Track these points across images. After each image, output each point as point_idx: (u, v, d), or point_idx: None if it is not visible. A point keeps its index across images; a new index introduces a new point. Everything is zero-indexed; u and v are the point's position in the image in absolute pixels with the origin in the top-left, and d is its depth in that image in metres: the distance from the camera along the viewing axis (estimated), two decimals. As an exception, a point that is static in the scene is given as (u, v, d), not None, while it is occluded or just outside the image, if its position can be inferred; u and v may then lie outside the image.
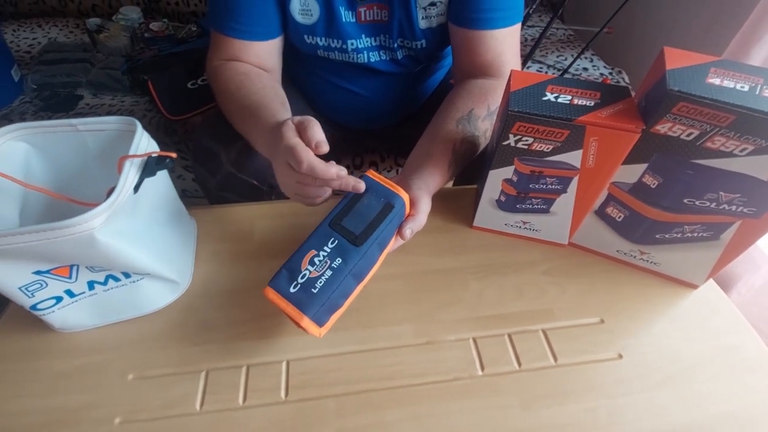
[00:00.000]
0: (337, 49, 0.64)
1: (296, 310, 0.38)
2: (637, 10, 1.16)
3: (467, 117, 0.56)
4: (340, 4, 0.60)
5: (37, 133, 0.46)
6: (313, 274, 0.39)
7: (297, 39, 0.64)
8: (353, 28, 0.62)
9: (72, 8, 1.43)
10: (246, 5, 0.58)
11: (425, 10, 0.60)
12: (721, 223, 0.45)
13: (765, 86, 0.38)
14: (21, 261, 0.38)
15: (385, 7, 0.60)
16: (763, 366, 0.46)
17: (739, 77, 0.39)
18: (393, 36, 0.63)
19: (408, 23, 0.61)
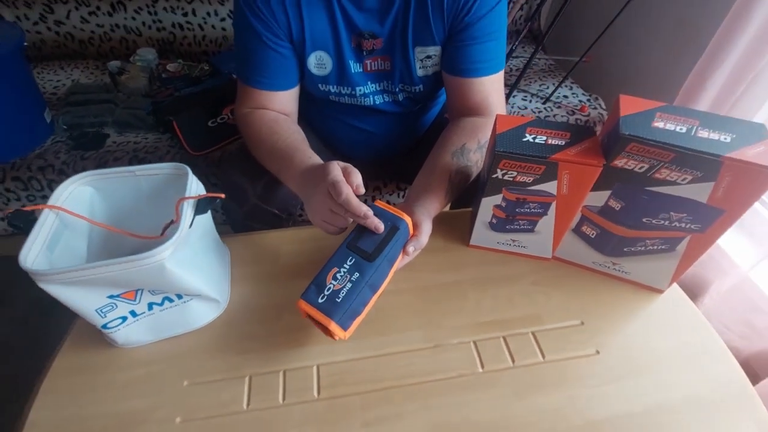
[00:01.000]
0: (347, 94, 0.73)
1: (325, 316, 0.46)
2: (611, 41, 1.27)
3: (460, 150, 0.65)
4: (349, 58, 0.69)
5: (101, 179, 0.54)
6: (336, 287, 0.47)
7: (312, 87, 0.73)
8: (361, 77, 0.71)
9: (92, 51, 1.53)
10: (270, 62, 0.67)
11: (422, 62, 0.69)
12: (674, 237, 0.53)
13: (700, 128, 0.47)
14: (100, 287, 0.46)
15: (387, 59, 0.70)
16: (718, 357, 0.54)
17: (679, 120, 0.48)
18: (395, 82, 0.72)
19: (407, 72, 0.70)
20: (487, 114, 0.70)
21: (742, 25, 0.79)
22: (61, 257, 0.48)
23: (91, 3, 1.42)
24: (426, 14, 0.64)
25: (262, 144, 0.67)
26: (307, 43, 0.66)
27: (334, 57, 0.68)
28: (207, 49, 1.54)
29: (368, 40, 0.67)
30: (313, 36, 0.66)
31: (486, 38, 0.65)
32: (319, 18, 0.65)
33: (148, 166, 0.54)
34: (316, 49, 0.67)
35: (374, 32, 0.67)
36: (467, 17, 0.63)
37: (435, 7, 0.63)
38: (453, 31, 0.65)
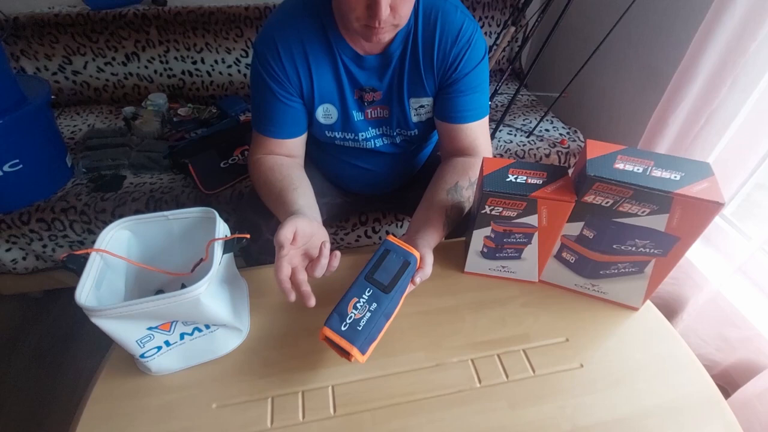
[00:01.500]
0: (351, 139, 0.81)
1: (348, 343, 0.52)
2: (587, 79, 1.38)
3: (454, 188, 0.73)
4: (353, 109, 0.77)
5: (137, 223, 0.61)
6: (357, 316, 0.53)
7: (320, 133, 0.81)
8: (363, 124, 0.80)
9: (106, 97, 1.62)
10: (282, 114, 0.75)
11: (416, 110, 0.78)
12: (642, 261, 0.60)
13: (654, 168, 0.55)
14: (142, 320, 0.52)
15: (386, 108, 0.79)
16: (688, 367, 0.60)
17: (636, 161, 0.56)
18: (392, 127, 0.81)
19: (404, 119, 0.79)
20: (475, 154, 0.78)
21: (695, 69, 0.90)
22: (105, 294, 0.54)
23: (107, 54, 1.52)
24: (419, 71, 0.73)
25: (262, 187, 0.74)
26: (316, 97, 0.75)
27: (339, 108, 0.77)
28: (214, 93, 1.64)
29: (369, 93, 0.76)
30: (321, 91, 0.75)
31: (471, 91, 0.74)
32: (326, 76, 0.74)
33: (179, 211, 0.61)
34: (323, 102, 0.76)
35: (374, 87, 0.75)
36: (454, 74, 0.72)
37: (426, 66, 0.72)
38: (442, 85, 0.74)
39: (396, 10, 0.60)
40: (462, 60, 0.71)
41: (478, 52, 0.72)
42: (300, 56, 0.71)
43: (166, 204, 1.11)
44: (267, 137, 0.77)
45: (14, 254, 1.13)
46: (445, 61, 0.72)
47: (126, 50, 1.52)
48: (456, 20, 0.70)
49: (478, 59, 0.73)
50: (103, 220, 1.10)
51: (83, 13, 1.45)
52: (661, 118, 0.97)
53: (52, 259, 1.16)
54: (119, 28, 1.47)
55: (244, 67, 1.60)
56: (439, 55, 0.71)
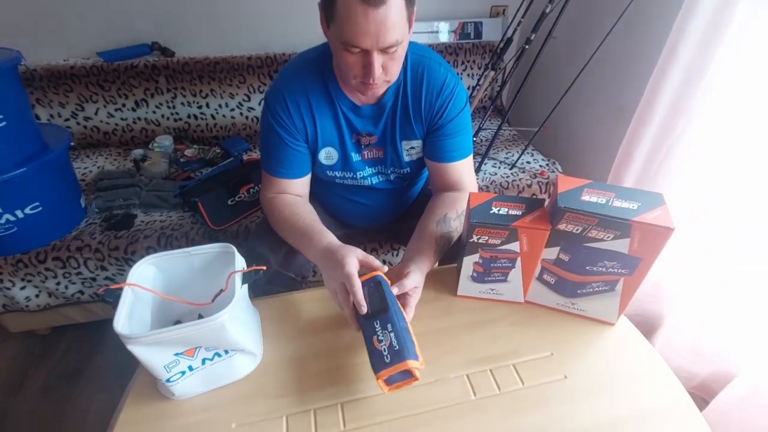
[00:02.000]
0: (350, 178, 0.90)
1: (401, 364, 0.56)
2: (563, 114, 1.50)
3: (443, 219, 0.80)
4: (351, 151, 0.86)
5: (162, 259, 0.67)
6: (387, 344, 0.59)
7: (322, 173, 0.89)
8: (360, 163, 0.88)
9: (115, 140, 1.70)
10: (290, 158, 0.83)
11: (407, 151, 0.87)
12: (612, 280, 0.68)
13: (615, 199, 0.63)
14: (171, 346, 0.57)
15: (381, 150, 0.87)
16: (661, 376, 0.66)
17: (600, 194, 0.64)
18: (387, 166, 0.89)
19: (397, 158, 0.88)
20: (461, 189, 0.86)
21: (653, 109, 1.01)
22: (135, 324, 0.60)
23: (117, 101, 1.62)
24: (409, 118, 0.83)
25: (285, 223, 0.81)
26: (319, 141, 0.83)
27: (339, 151, 0.86)
28: (217, 134, 1.73)
29: (365, 137, 0.85)
30: (323, 136, 0.83)
31: (456, 134, 0.83)
32: (327, 123, 0.82)
33: (200, 247, 0.68)
34: (325, 146, 0.85)
35: (370, 132, 0.84)
36: (440, 120, 0.82)
37: (415, 114, 0.82)
38: (430, 129, 0.83)
39: (387, 69, 0.70)
40: (446, 109, 0.81)
41: (459, 101, 0.82)
42: (305, 107, 0.80)
43: (176, 240, 1.17)
44: (277, 178, 0.85)
45: (28, 292, 1.17)
46: (431, 110, 0.81)
47: (136, 97, 1.61)
48: (440, 75, 0.80)
49: (461, 107, 0.82)
50: (116, 257, 1.15)
51: (97, 65, 1.56)
52: (627, 152, 1.08)
53: (64, 295, 1.20)
54: (130, 78, 1.58)
55: (246, 110, 1.71)
56: (426, 105, 0.81)
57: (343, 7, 0.62)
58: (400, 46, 0.68)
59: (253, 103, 1.70)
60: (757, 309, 0.95)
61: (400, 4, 0.63)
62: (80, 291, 1.21)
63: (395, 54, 0.68)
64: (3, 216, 1.03)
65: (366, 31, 0.63)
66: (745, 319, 0.97)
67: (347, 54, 0.67)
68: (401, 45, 0.68)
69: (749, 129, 0.89)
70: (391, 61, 0.69)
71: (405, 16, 0.66)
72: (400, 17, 0.64)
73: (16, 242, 1.09)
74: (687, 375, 1.00)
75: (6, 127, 0.97)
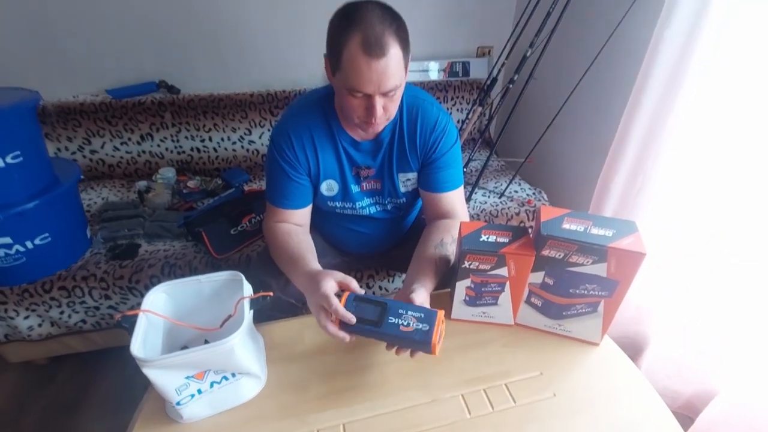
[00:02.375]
0: (350, 208, 0.95)
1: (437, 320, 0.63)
2: (547, 146, 1.59)
3: (440, 243, 0.85)
4: (351, 182, 0.92)
5: (174, 286, 0.71)
6: (413, 321, 0.64)
7: (323, 203, 0.95)
8: (359, 194, 0.94)
9: (119, 172, 1.75)
10: (293, 190, 0.88)
11: (403, 183, 0.93)
12: (594, 302, 0.73)
13: (592, 227, 0.69)
14: (183, 369, 0.60)
15: (378, 181, 0.93)
16: (643, 393, 0.70)
17: (579, 222, 0.70)
18: (384, 197, 0.95)
19: (393, 189, 0.94)
20: (454, 217, 0.92)
21: (626, 144, 1.09)
22: (149, 348, 0.63)
23: (123, 135, 1.68)
24: (404, 152, 0.89)
25: (279, 249, 0.86)
26: (321, 174, 0.89)
27: (340, 183, 0.91)
28: (219, 166, 1.79)
29: (364, 170, 0.91)
30: (325, 169, 0.89)
31: (447, 167, 0.90)
32: (329, 157, 0.89)
33: (210, 275, 0.72)
34: (327, 178, 0.90)
35: (369, 165, 0.91)
36: (433, 155, 0.88)
37: (411, 149, 0.89)
38: (424, 163, 0.90)
39: (387, 109, 0.77)
40: (439, 144, 0.88)
41: (450, 137, 0.89)
42: (308, 143, 0.86)
43: (179, 269, 1.20)
44: (280, 208, 0.90)
45: (31, 321, 1.18)
46: (425, 145, 0.88)
47: (141, 131, 1.68)
48: (432, 114, 0.88)
49: (452, 143, 0.89)
50: (120, 286, 1.18)
51: (106, 102, 1.62)
52: (605, 183, 1.15)
53: (66, 324, 1.21)
54: (137, 113, 1.64)
55: (247, 143, 1.78)
56: (421, 140, 0.88)
57: (348, 59, 0.69)
58: (398, 90, 0.75)
59: (254, 136, 1.77)
60: (734, 328, 1.00)
61: (399, 54, 0.70)
62: (83, 320, 1.22)
63: (394, 96, 0.75)
64: (13, 247, 1.06)
65: (369, 79, 0.70)
66: (723, 338, 1.01)
67: (351, 98, 0.74)
68: (400, 88, 0.75)
69: (711, 161, 0.97)
70: (390, 102, 0.76)
71: (402, 64, 0.72)
72: (399, 65, 0.71)
73: (24, 272, 1.11)
74: (672, 394, 1.03)
75: (22, 163, 1.02)
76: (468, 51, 1.99)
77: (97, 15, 1.58)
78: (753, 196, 0.93)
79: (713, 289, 1.02)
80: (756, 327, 0.94)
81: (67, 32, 1.59)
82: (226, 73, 1.80)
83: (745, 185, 0.95)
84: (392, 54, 0.69)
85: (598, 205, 1.21)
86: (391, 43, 0.68)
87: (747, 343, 0.95)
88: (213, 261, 1.20)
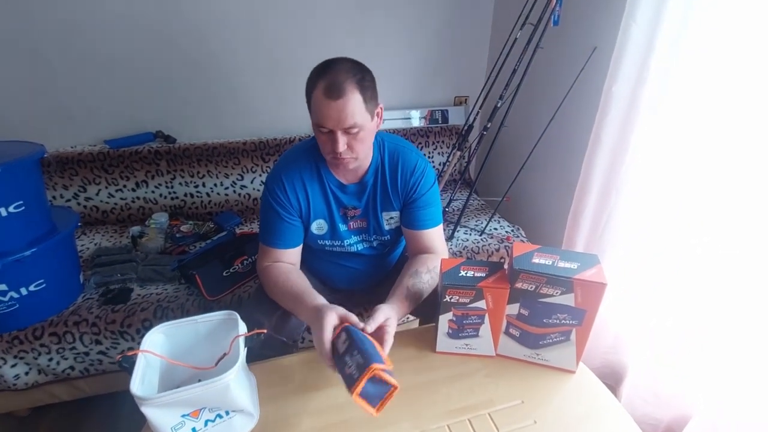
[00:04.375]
0: (338, 245, 1.00)
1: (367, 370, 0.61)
2: (522, 186, 1.69)
3: (415, 273, 0.91)
4: (339, 222, 0.98)
5: (171, 327, 0.74)
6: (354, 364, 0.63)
7: (313, 242, 1.00)
8: (347, 233, 1.00)
9: (112, 218, 1.77)
10: (285, 231, 0.94)
11: (387, 221, 1.00)
12: (566, 330, 0.77)
13: (559, 260, 0.75)
14: (179, 407, 0.62)
15: (364, 220, 1.00)
16: (617, 417, 0.74)
17: (547, 257, 0.76)
18: (370, 234, 1.01)
19: (378, 227, 1.00)
20: (433, 252, 0.98)
21: (589, 185, 1.19)
22: (147, 387, 0.65)
23: (119, 183, 1.72)
24: (387, 193, 0.97)
25: (279, 288, 0.90)
26: (311, 215, 0.95)
27: (328, 222, 0.97)
28: (211, 210, 1.83)
29: (351, 210, 0.98)
30: (315, 210, 0.95)
31: (427, 206, 0.97)
32: (318, 199, 0.95)
33: (206, 315, 0.75)
34: (317, 218, 0.97)
35: (355, 206, 0.97)
36: (413, 195, 0.96)
37: (393, 190, 0.96)
38: (406, 203, 0.97)
39: (352, 147, 0.85)
40: (418, 186, 0.96)
41: (429, 179, 0.97)
42: (300, 187, 0.93)
43: (172, 312, 1.21)
44: (273, 248, 0.95)
45: (18, 369, 1.16)
46: (405, 186, 0.96)
47: (137, 179, 1.72)
48: (412, 159, 0.96)
49: (430, 184, 0.98)
50: (112, 331, 1.17)
51: (103, 152, 1.68)
52: (574, 219, 1.24)
53: (54, 372, 1.19)
54: (134, 162, 1.70)
55: (239, 188, 1.84)
56: (401, 182, 0.96)
57: (314, 100, 0.81)
58: (362, 130, 0.83)
59: (246, 181, 1.83)
60: (703, 353, 1.05)
61: (358, 98, 0.81)
62: (71, 366, 1.20)
63: (358, 135, 0.83)
64: (8, 294, 1.06)
65: (328, 116, 0.80)
66: (697, 362, 1.06)
67: (320, 133, 0.85)
68: (363, 129, 0.83)
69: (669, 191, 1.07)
70: (354, 141, 0.84)
71: (363, 108, 0.82)
72: (358, 108, 0.81)
73: (16, 319, 1.11)
74: (653, 422, 1.06)
75: (24, 212, 1.05)
76: (446, 100, 2.14)
77: (97, 70, 1.67)
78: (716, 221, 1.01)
79: (684, 314, 1.08)
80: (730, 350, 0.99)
81: (67, 87, 1.67)
82: (220, 122, 1.89)
83: (705, 212, 1.04)
84: (349, 97, 0.79)
85: (570, 239, 1.29)
86: (349, 89, 0.79)
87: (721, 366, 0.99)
88: (205, 303, 1.22)
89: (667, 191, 1.06)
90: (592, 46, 1.36)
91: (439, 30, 1.97)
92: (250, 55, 1.80)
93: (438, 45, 2.00)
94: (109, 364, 1.22)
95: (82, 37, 1.60)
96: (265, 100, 1.90)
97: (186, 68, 1.75)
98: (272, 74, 1.86)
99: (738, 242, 0.97)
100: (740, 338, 0.96)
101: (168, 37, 1.69)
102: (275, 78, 1.86)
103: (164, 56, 1.71)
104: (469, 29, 2.01)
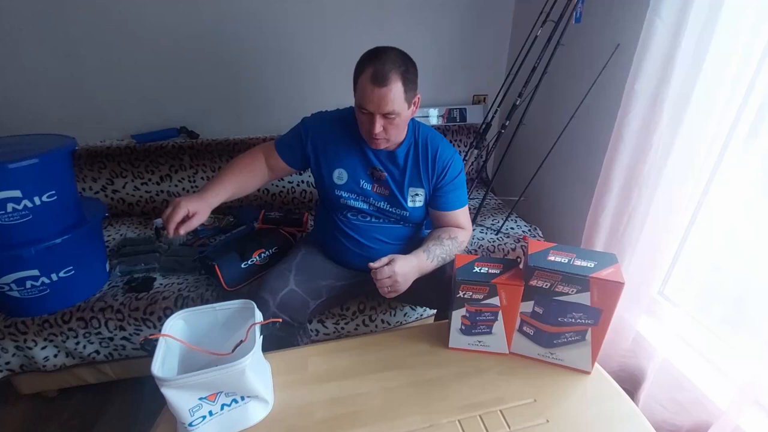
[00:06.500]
0: (353, 199, 1.05)
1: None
2: (540, 185, 1.67)
3: (437, 237, 1.00)
4: (362, 178, 1.04)
5: (190, 314, 0.76)
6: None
7: (330, 193, 1.06)
8: (369, 192, 1.04)
9: (137, 210, 1.83)
10: (288, 147, 1.07)
11: (412, 197, 1.04)
12: (582, 330, 0.76)
13: (575, 258, 0.74)
14: (197, 390, 0.64)
15: (388, 188, 1.04)
16: (632, 420, 0.72)
17: (563, 254, 0.75)
18: (391, 205, 1.05)
19: (401, 200, 1.03)
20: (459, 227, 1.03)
21: (609, 184, 1.16)
22: (167, 370, 0.67)
23: (144, 177, 1.77)
24: (418, 170, 1.03)
25: (234, 160, 1.06)
26: (335, 162, 1.04)
27: (349, 172, 1.04)
28: (231, 204, 1.87)
29: (378, 172, 1.03)
30: (339, 157, 1.04)
31: (455, 189, 1.03)
32: (351, 152, 1.05)
33: (224, 303, 0.77)
34: (338, 167, 1.04)
35: (382, 169, 1.03)
36: (443, 181, 1.02)
37: (423, 170, 1.02)
38: (435, 187, 1.03)
39: (387, 130, 0.93)
40: (448, 171, 1.02)
41: (457, 166, 1.03)
42: (321, 146, 1.04)
43: (192, 301, 1.24)
44: (273, 148, 1.08)
45: (48, 351, 1.21)
46: (435, 170, 1.02)
47: (161, 173, 1.78)
48: (443, 145, 1.04)
49: (458, 171, 1.03)
50: (135, 318, 1.22)
51: (130, 146, 1.74)
52: (594, 219, 1.21)
53: (81, 355, 1.24)
54: (159, 157, 1.75)
55: (259, 183, 1.87)
56: (431, 165, 1.02)
57: (360, 84, 0.89)
58: (398, 117, 0.91)
59: (265, 177, 1.86)
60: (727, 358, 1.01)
61: (400, 88, 0.88)
62: (96, 351, 1.25)
63: (394, 121, 0.91)
64: (40, 279, 1.11)
65: (371, 100, 0.88)
66: (717, 368, 1.03)
67: (360, 113, 0.93)
68: (399, 116, 0.91)
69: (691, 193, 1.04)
70: (390, 125, 0.92)
71: (403, 97, 0.89)
72: (398, 97, 0.88)
73: (46, 303, 1.16)
74: (672, 428, 1.03)
75: (56, 201, 1.09)
76: (465, 98, 2.12)
77: (127, 68, 1.73)
78: (735, 222, 0.98)
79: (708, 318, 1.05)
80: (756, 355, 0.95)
81: (99, 83, 1.74)
82: (242, 119, 1.93)
83: (727, 214, 1.00)
84: (392, 86, 0.87)
85: (589, 239, 1.26)
86: (393, 79, 0.86)
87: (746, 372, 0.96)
88: (224, 293, 1.24)
89: (691, 191, 1.03)
90: (615, 43, 1.33)
91: (459, 28, 1.95)
92: (271, 54, 1.83)
93: (458, 43, 1.99)
94: (132, 350, 1.26)
95: (115, 39, 1.67)
96: (284, 98, 1.93)
97: (210, 67, 1.80)
98: (291, 73, 1.88)
99: (765, 244, 0.93)
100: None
101: (193, 36, 1.73)
102: (294, 77, 1.89)
103: (190, 55, 1.76)
104: (489, 27, 1.99)
